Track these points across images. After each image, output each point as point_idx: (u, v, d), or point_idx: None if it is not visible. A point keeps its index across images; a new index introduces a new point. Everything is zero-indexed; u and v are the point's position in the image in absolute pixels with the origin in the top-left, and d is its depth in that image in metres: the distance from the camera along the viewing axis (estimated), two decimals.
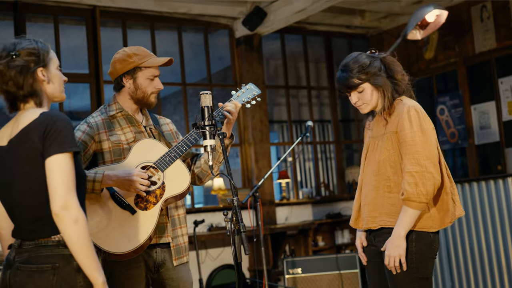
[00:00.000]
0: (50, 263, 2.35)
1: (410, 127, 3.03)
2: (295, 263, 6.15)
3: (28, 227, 2.40)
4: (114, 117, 3.34)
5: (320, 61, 9.19)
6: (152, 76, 3.34)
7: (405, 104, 3.14)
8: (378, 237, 3.19)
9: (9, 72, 2.41)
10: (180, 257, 3.34)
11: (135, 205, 3.18)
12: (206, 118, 2.88)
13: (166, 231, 3.28)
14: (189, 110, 7.76)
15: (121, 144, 3.27)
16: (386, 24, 8.49)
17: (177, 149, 3.23)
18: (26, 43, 2.46)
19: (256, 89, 3.46)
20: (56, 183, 2.28)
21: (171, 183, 3.21)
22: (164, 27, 7.58)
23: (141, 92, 3.32)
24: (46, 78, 2.48)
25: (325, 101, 9.50)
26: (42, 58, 2.46)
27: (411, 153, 3.01)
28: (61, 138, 2.31)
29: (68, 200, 2.27)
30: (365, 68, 3.14)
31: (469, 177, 7.46)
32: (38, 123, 2.34)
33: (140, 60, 3.31)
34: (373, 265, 3.29)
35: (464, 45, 7.61)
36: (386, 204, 3.12)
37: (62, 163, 2.30)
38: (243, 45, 7.74)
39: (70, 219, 2.27)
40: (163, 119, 3.58)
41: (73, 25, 7.05)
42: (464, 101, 7.60)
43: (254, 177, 7.56)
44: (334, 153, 9.06)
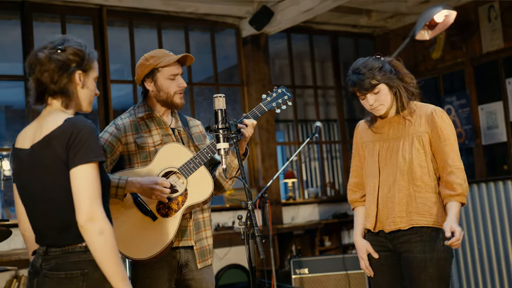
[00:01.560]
0: (79, 269, 2.33)
1: (445, 127, 3.16)
2: (302, 263, 6.14)
3: (53, 235, 2.38)
4: (142, 119, 3.34)
5: (325, 60, 9.17)
6: (172, 75, 3.32)
7: (427, 105, 3.25)
8: (397, 239, 3.17)
9: (49, 63, 2.37)
10: (205, 260, 3.35)
11: (157, 212, 3.19)
12: (219, 121, 2.86)
13: (188, 234, 3.28)
14: (195, 109, 7.75)
15: (147, 147, 3.28)
16: (392, 23, 8.47)
17: (202, 155, 3.22)
18: (75, 42, 2.44)
19: (288, 92, 3.42)
20: (82, 194, 2.26)
21: (194, 190, 3.20)
22: (170, 26, 7.57)
23: (164, 93, 3.31)
24: (82, 83, 2.44)
25: (330, 101, 9.49)
26: (85, 62, 2.43)
27: (452, 150, 3.14)
28: (86, 148, 2.28)
29: (94, 211, 2.25)
30: (379, 70, 3.18)
31: (475, 177, 7.44)
32: (62, 131, 2.31)
33: (156, 61, 3.30)
34: (386, 270, 3.26)
35: (471, 45, 7.58)
36: (417, 204, 3.14)
37: (87, 173, 2.27)
38: (250, 45, 7.73)
39: (96, 231, 2.25)
40: (193, 121, 3.57)
41: (80, 25, 7.05)
42: (471, 101, 7.58)
43: (261, 177, 7.55)
44: (340, 153, 9.05)
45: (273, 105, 3.39)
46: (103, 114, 6.82)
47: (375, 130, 3.32)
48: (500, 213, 5.96)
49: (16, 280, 5.92)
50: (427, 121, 3.16)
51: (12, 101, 10.21)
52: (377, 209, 3.26)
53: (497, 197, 5.97)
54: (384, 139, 3.27)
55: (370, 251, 3.29)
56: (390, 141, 3.25)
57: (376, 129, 3.32)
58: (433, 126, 3.15)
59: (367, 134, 3.38)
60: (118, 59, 7.80)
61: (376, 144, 3.30)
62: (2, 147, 9.32)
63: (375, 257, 3.27)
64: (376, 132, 3.32)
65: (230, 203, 7.39)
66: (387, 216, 3.21)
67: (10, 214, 8.43)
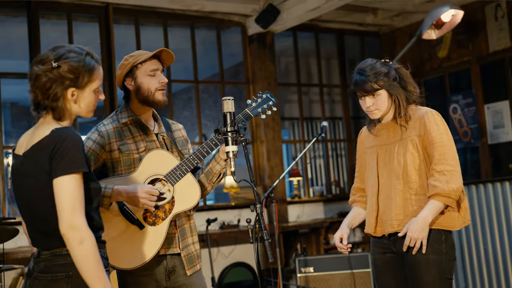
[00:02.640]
0: (64, 271, 2.39)
1: (437, 129, 3.16)
2: (307, 261, 6.14)
3: (42, 239, 2.45)
4: (125, 125, 3.29)
5: (331, 58, 9.16)
6: (151, 71, 3.26)
7: (421, 109, 3.28)
8: (400, 240, 3.21)
9: (43, 78, 2.41)
10: (193, 266, 3.31)
11: (143, 220, 3.16)
12: (228, 124, 2.86)
13: (174, 241, 3.24)
14: (200, 106, 7.75)
15: (131, 154, 3.23)
16: (398, 22, 8.44)
17: (188, 162, 3.18)
18: (73, 58, 2.44)
19: (272, 98, 3.38)
20: (63, 204, 2.31)
21: (181, 198, 3.17)
22: (176, 24, 7.57)
23: (144, 90, 3.25)
24: (74, 99, 2.46)
25: (336, 98, 9.48)
26: (80, 79, 2.44)
27: (440, 153, 3.13)
28: (68, 159, 2.32)
29: (74, 221, 2.30)
30: (383, 75, 3.22)
31: (481, 176, 7.44)
32: (48, 141, 2.36)
33: (135, 59, 3.26)
34: (390, 272, 3.30)
35: (478, 44, 7.56)
36: (413, 207, 3.18)
37: (68, 184, 2.32)
38: (256, 43, 7.72)
39: (76, 240, 2.29)
40: (175, 125, 3.53)
41: (86, 22, 7.05)
42: (478, 100, 7.56)
43: (266, 175, 7.56)
44: (345, 151, 9.04)
45: (259, 110, 3.33)
46: (109, 112, 6.82)
47: (375, 135, 3.38)
48: (506, 213, 5.95)
49: (23, 278, 5.94)
50: (419, 124, 3.20)
51: (18, 98, 10.23)
52: (377, 213, 3.31)
53: (503, 197, 5.96)
54: (382, 144, 3.33)
55: (343, 238, 3.40)
56: (387, 145, 3.31)
57: (375, 134, 3.38)
58: (424, 129, 3.18)
59: (368, 140, 3.44)
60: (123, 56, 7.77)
61: (375, 149, 3.37)
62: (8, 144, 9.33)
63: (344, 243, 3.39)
64: (376, 137, 3.37)
65: (235, 201, 7.40)
66: (386, 219, 3.25)
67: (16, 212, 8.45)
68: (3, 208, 6.28)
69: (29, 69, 2.49)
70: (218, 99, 9.78)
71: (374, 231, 3.33)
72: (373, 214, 3.31)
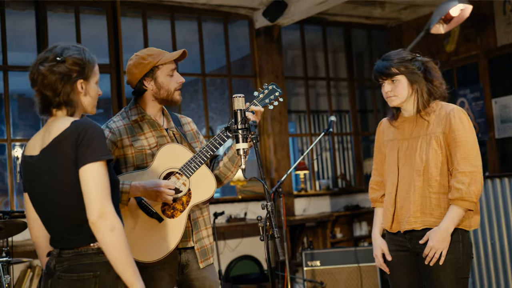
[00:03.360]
0: (91, 271, 2.37)
1: (463, 128, 3.11)
2: (314, 255, 6.16)
3: (65, 236, 2.42)
4: (136, 122, 3.32)
5: (338, 51, 9.14)
6: (171, 71, 3.31)
7: (448, 105, 3.21)
8: (416, 239, 3.19)
9: (50, 76, 2.42)
10: (206, 259, 3.35)
11: (162, 213, 3.19)
12: (239, 121, 2.86)
13: (188, 235, 3.28)
14: (207, 98, 7.75)
15: (144, 149, 3.27)
16: (406, 15, 8.42)
17: (202, 154, 3.22)
18: (74, 51, 2.47)
19: (278, 89, 3.40)
20: (92, 192, 2.29)
21: (197, 190, 3.21)
22: (184, 17, 7.56)
23: (165, 90, 3.30)
24: (84, 91, 2.49)
25: (343, 91, 9.46)
26: (85, 70, 2.47)
27: (463, 153, 3.08)
28: (94, 147, 2.32)
29: (104, 209, 2.29)
30: (405, 62, 3.19)
31: (488, 170, 7.43)
32: (70, 132, 2.35)
33: (155, 59, 3.28)
34: (404, 270, 3.27)
35: (485, 38, 7.53)
36: (431, 205, 3.15)
37: (96, 171, 2.31)
38: (263, 36, 7.70)
39: (107, 227, 2.28)
40: (184, 118, 3.56)
41: (93, 15, 7.05)
42: (485, 94, 7.55)
43: (273, 168, 7.56)
44: (351, 144, 9.04)
45: (266, 101, 3.37)
46: (117, 104, 6.83)
47: (396, 128, 3.33)
48: None
49: (30, 270, 5.96)
50: (445, 121, 3.14)
51: (25, 90, 10.23)
52: (394, 209, 3.27)
53: (511, 192, 5.95)
54: (404, 138, 3.27)
55: (385, 252, 3.32)
56: (409, 140, 3.25)
57: (396, 127, 3.32)
58: (449, 127, 3.13)
59: (388, 132, 3.38)
60: (130, 49, 7.78)
61: (396, 143, 3.31)
62: (15, 137, 9.35)
63: (388, 259, 3.31)
64: (397, 131, 3.32)
65: (242, 194, 7.41)
66: (403, 216, 3.22)
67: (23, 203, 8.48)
68: (11, 201, 6.30)
69: (30, 73, 2.49)
70: (225, 92, 9.79)
71: (390, 228, 3.30)
72: (390, 210, 3.28)
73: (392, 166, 3.30)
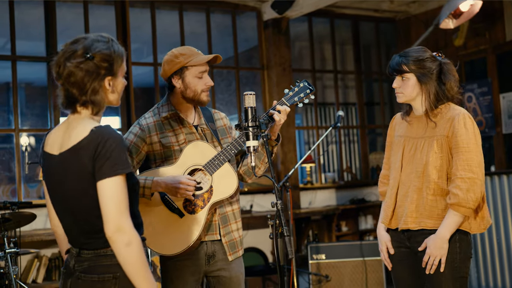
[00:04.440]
0: (111, 272, 2.36)
1: (466, 134, 3.09)
2: (319, 248, 6.17)
3: (84, 239, 2.41)
4: (166, 118, 3.39)
5: (345, 43, 9.12)
6: (200, 73, 3.34)
7: (455, 109, 3.19)
8: (415, 237, 3.22)
9: (79, 73, 2.34)
10: (235, 252, 3.43)
11: (183, 208, 3.27)
12: (250, 119, 2.87)
13: (214, 228, 3.35)
14: (215, 89, 7.76)
15: (172, 146, 3.34)
16: (414, 8, 8.39)
17: (226, 152, 3.28)
18: (103, 46, 2.39)
19: (310, 86, 3.41)
20: (109, 206, 2.26)
21: (219, 187, 3.28)
22: (192, 8, 7.55)
23: (191, 91, 3.34)
24: (111, 88, 2.42)
25: (349, 84, 9.44)
26: (114, 66, 2.40)
27: (465, 159, 3.06)
28: (113, 160, 2.27)
29: (121, 224, 2.26)
30: (419, 61, 3.19)
31: (494, 165, 7.42)
32: (88, 141, 2.30)
33: (186, 59, 3.32)
34: (405, 266, 3.31)
35: (494, 33, 7.51)
36: (428, 206, 3.16)
37: (114, 186, 2.27)
38: (271, 28, 7.69)
39: (123, 242, 2.26)
40: (217, 114, 3.61)
41: (102, 5, 7.05)
42: (493, 89, 7.53)
43: (279, 161, 7.57)
44: (358, 137, 9.03)
45: (295, 99, 3.39)
46: (124, 97, 6.84)
47: (407, 125, 3.34)
48: None
49: (37, 260, 6.00)
50: (449, 125, 3.14)
51: (33, 78, 10.24)
52: (394, 206, 3.31)
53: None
54: (411, 136, 3.29)
55: (388, 246, 3.35)
56: (414, 139, 3.26)
57: (408, 124, 3.34)
58: (452, 131, 3.12)
59: (399, 128, 3.40)
60: (137, 39, 7.81)
61: (403, 140, 3.32)
62: (23, 125, 9.37)
63: (391, 252, 3.34)
64: (406, 128, 3.34)
65: (249, 186, 7.42)
66: (401, 214, 3.25)
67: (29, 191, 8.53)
68: (19, 191, 6.33)
69: (54, 66, 2.39)
70: (232, 83, 9.77)
71: (389, 223, 3.34)
72: (390, 206, 3.31)
73: (396, 163, 3.33)
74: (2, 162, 9.49)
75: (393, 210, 3.32)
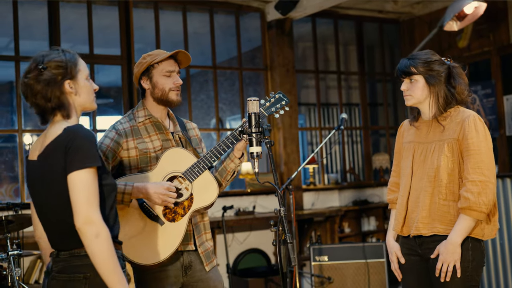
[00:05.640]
0: (82, 272, 2.42)
1: (476, 136, 3.05)
2: (322, 250, 6.17)
3: (61, 240, 2.48)
4: (142, 124, 3.35)
5: (349, 44, 9.11)
6: (167, 72, 3.33)
7: (465, 111, 3.15)
8: (426, 244, 3.17)
9: (37, 85, 2.46)
10: (211, 261, 3.38)
11: (163, 216, 3.21)
12: (253, 125, 2.87)
13: (189, 238, 3.30)
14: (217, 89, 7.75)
15: (148, 152, 3.29)
16: (419, 9, 8.37)
17: (205, 159, 3.24)
18: (54, 55, 2.51)
19: (285, 98, 3.40)
20: (78, 198, 2.34)
21: (199, 195, 3.23)
22: (195, 8, 7.54)
23: (159, 90, 3.33)
24: (74, 90, 2.52)
25: (353, 84, 9.44)
26: (69, 70, 2.51)
27: (475, 162, 3.02)
28: (82, 154, 2.36)
29: (89, 215, 2.32)
30: (427, 63, 3.16)
31: (498, 167, 7.41)
32: (61, 139, 2.40)
33: (153, 58, 3.32)
34: (415, 276, 3.26)
35: (498, 35, 7.49)
36: (440, 212, 3.12)
37: (83, 178, 2.35)
38: (274, 29, 7.68)
39: (92, 234, 2.32)
40: (189, 124, 3.59)
41: (105, 6, 7.05)
42: (497, 91, 7.51)
43: (282, 162, 7.56)
44: (361, 138, 9.02)
45: (272, 110, 3.38)
46: (127, 95, 6.84)
47: (416, 129, 3.31)
48: None
49: (40, 261, 6.00)
50: (459, 128, 3.09)
51: None
52: (405, 213, 3.26)
53: None
54: (420, 142, 3.25)
55: (398, 255, 3.31)
56: (425, 144, 3.22)
57: (416, 130, 3.31)
58: (463, 134, 3.08)
59: (408, 134, 3.37)
60: (141, 39, 7.81)
61: (412, 146, 3.29)
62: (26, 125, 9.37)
63: (402, 262, 3.29)
64: (415, 133, 3.31)
65: (251, 187, 7.42)
66: (413, 220, 3.21)
67: None
68: (22, 191, 6.33)
69: (20, 88, 2.54)
70: (235, 83, 9.77)
71: (401, 231, 3.29)
72: (402, 213, 3.27)
73: (407, 169, 3.28)
74: (5, 162, 9.50)
75: (404, 217, 3.27)
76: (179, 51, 3.36)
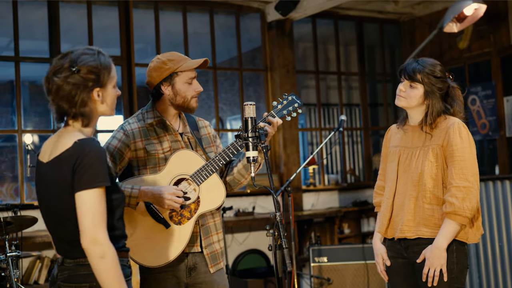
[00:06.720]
0: (88, 282, 2.40)
1: (461, 143, 3.11)
2: (321, 251, 6.17)
3: (66, 247, 2.45)
4: (151, 125, 3.33)
5: (349, 44, 9.10)
6: (190, 79, 3.30)
7: (450, 119, 3.22)
8: (411, 248, 3.23)
9: (66, 86, 2.39)
10: (217, 264, 3.36)
11: (169, 219, 3.21)
12: (249, 129, 2.86)
13: (196, 240, 3.29)
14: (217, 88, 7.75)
15: (156, 153, 3.27)
16: (419, 10, 8.36)
17: (214, 162, 3.22)
18: (89, 59, 2.42)
19: (298, 100, 3.40)
20: (85, 218, 2.30)
21: (206, 198, 3.22)
22: (195, 9, 7.54)
23: (181, 97, 3.29)
24: (101, 99, 2.45)
25: (353, 85, 9.43)
26: (101, 78, 2.43)
27: (460, 168, 3.09)
28: (91, 173, 2.31)
29: (96, 236, 2.30)
30: (433, 76, 3.21)
31: (498, 168, 7.40)
32: (70, 154, 2.34)
33: (176, 65, 3.26)
34: (401, 278, 3.32)
35: (499, 36, 7.48)
36: (424, 215, 3.18)
37: (90, 199, 2.31)
38: (275, 30, 7.67)
39: (97, 254, 2.30)
40: (201, 122, 3.55)
41: (105, 6, 7.05)
42: (497, 92, 7.50)
43: (282, 163, 7.56)
44: (361, 138, 9.02)
45: (284, 112, 3.37)
46: (127, 96, 6.84)
47: (401, 135, 3.36)
48: None
49: (39, 261, 6.01)
50: (444, 134, 3.17)
51: (37, 76, 10.24)
52: (390, 216, 3.32)
53: None
54: (406, 146, 3.32)
55: (384, 258, 3.35)
56: (410, 149, 3.29)
57: (403, 134, 3.36)
58: (447, 140, 3.15)
59: (394, 139, 3.43)
60: (141, 39, 7.81)
61: (398, 150, 3.35)
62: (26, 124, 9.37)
63: (387, 264, 3.34)
64: (401, 138, 3.36)
65: (251, 188, 7.40)
66: (397, 223, 3.26)
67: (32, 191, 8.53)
68: (21, 191, 6.34)
69: (44, 82, 2.45)
70: (235, 83, 9.76)
71: (385, 233, 3.35)
72: (387, 215, 3.33)
73: (392, 173, 3.34)
74: (5, 162, 9.51)
75: (389, 219, 3.33)
76: (206, 60, 3.33)
